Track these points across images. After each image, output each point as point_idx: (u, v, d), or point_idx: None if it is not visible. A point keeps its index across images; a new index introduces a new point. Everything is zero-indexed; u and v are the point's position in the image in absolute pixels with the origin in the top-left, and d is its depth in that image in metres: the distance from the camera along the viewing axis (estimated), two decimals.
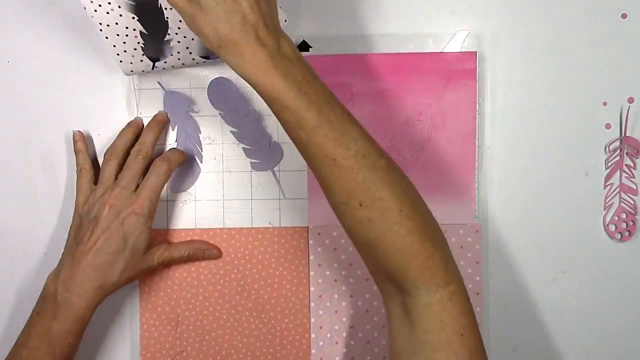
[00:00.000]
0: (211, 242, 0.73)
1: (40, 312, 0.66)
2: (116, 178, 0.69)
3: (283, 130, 0.56)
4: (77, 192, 0.71)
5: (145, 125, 0.73)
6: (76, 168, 0.72)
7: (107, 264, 0.66)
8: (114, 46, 0.66)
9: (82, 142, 0.72)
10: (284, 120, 0.55)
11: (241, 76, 0.55)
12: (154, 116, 0.73)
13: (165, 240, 0.74)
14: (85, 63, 0.73)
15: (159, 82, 0.73)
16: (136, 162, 0.69)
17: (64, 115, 0.73)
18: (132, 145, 0.71)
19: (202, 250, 0.73)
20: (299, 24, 0.73)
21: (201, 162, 0.73)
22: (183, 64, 0.70)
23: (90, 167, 0.71)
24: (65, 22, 0.73)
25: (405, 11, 0.73)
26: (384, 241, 0.55)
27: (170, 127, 0.73)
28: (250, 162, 0.73)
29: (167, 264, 0.72)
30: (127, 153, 0.70)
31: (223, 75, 0.73)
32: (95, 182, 0.70)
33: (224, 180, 0.73)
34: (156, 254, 0.70)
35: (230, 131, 0.73)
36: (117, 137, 0.71)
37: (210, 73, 0.73)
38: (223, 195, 0.73)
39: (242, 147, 0.73)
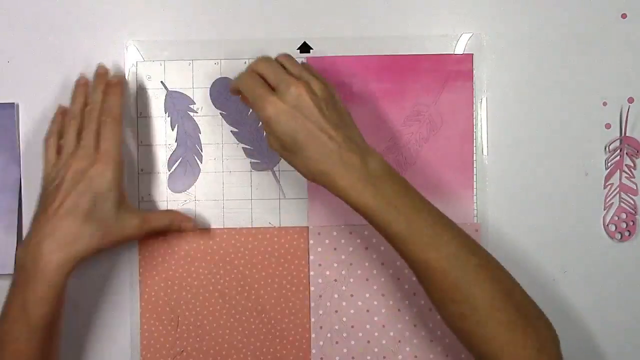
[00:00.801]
0: (211, 242, 0.73)
1: (15, 284, 0.64)
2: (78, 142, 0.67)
3: None
4: (44, 164, 0.69)
5: (96, 82, 0.70)
6: (46, 135, 0.70)
7: (74, 227, 0.63)
8: None
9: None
10: (379, 230, 0.61)
11: (338, 196, 0.60)
12: (110, 80, 0.70)
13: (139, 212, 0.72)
14: (86, 63, 0.73)
15: (162, 82, 0.73)
16: (94, 121, 0.67)
17: None
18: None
19: (179, 221, 0.71)
20: (300, 25, 0.73)
21: (201, 162, 0.74)
22: None
23: (57, 137, 0.69)
24: (65, 22, 0.73)
25: (404, 14, 0.73)
26: (477, 332, 0.59)
27: (170, 127, 0.74)
28: (250, 162, 0.74)
29: (147, 235, 0.71)
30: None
31: (225, 76, 0.73)
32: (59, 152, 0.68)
33: (224, 180, 0.74)
34: (135, 224, 0.68)
35: (231, 131, 0.73)
36: (72, 101, 0.70)
37: (212, 73, 0.73)
38: (223, 195, 0.74)
39: (242, 147, 0.73)
